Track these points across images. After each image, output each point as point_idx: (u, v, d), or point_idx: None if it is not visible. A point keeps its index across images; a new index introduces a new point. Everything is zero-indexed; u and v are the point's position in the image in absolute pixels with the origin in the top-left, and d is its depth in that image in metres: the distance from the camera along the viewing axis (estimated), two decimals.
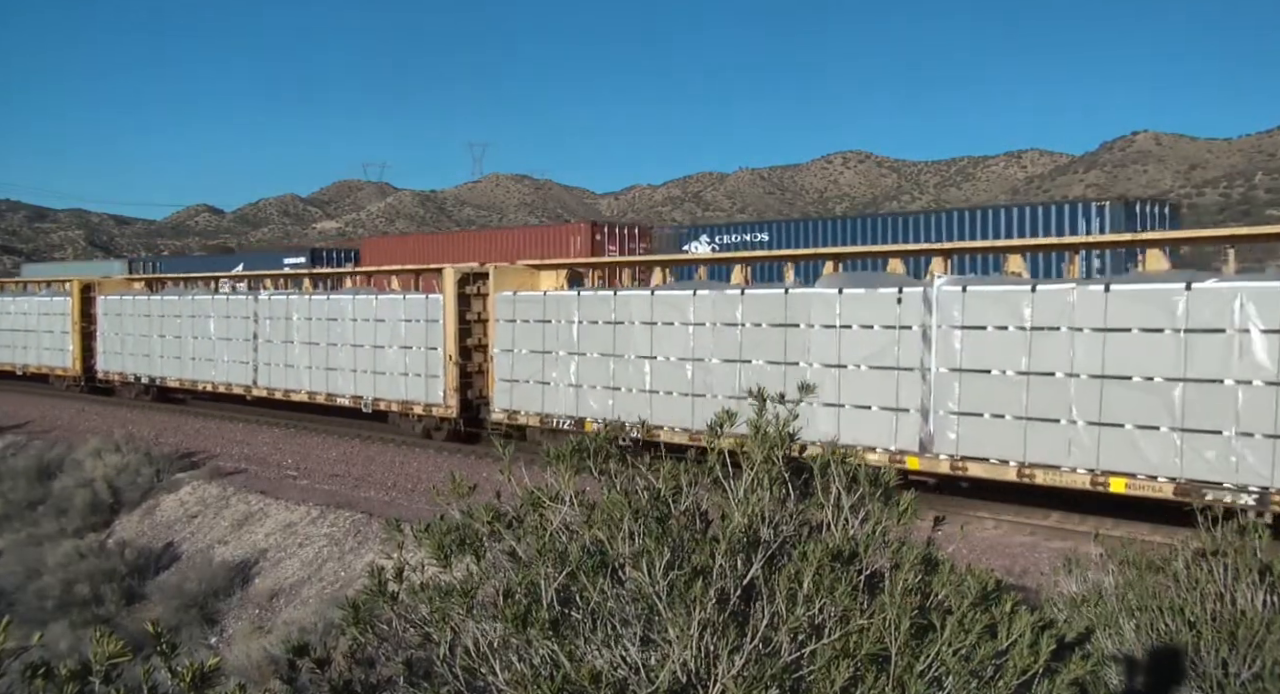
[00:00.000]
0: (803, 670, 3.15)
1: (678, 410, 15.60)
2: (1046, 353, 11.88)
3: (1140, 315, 11.32)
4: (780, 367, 14.40)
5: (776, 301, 14.64)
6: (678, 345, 15.76)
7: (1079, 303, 11.73)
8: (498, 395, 18.47)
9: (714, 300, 15.37)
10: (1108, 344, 11.49)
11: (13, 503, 17.92)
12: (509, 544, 3.61)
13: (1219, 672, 4.29)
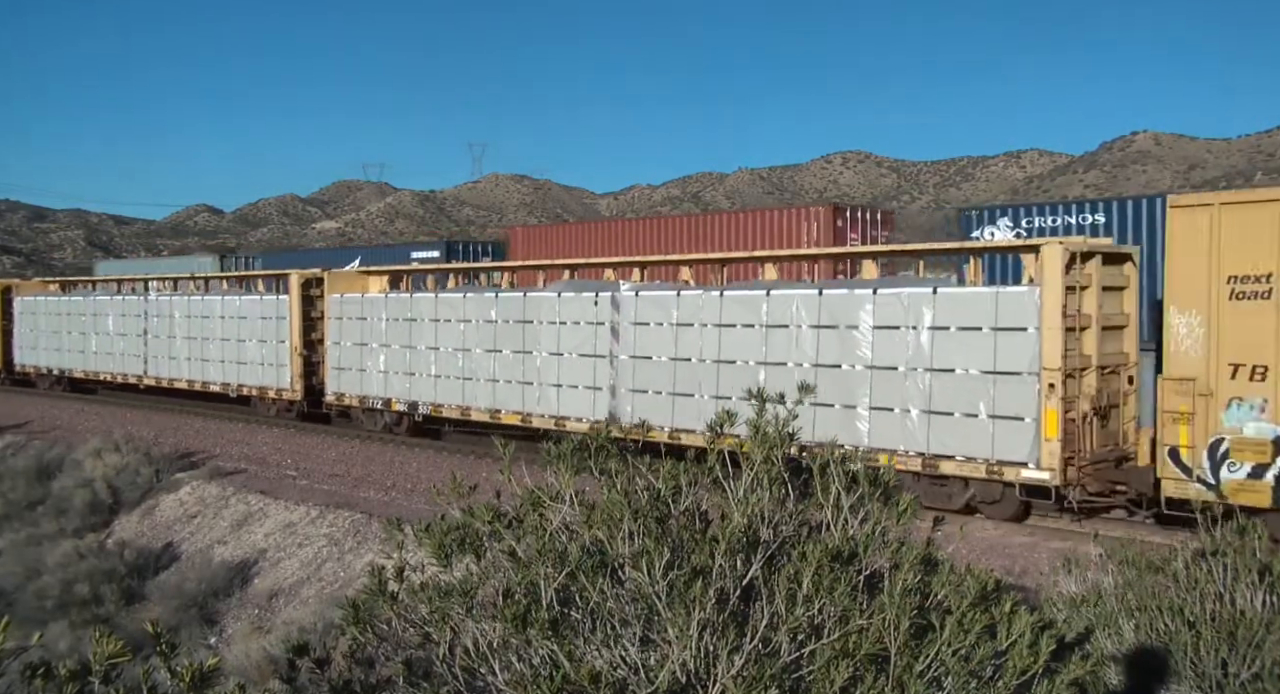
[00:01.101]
0: (802, 670, 3.15)
1: (454, 391, 19.30)
2: (686, 343, 15.69)
3: (740, 314, 14.98)
4: (521, 355, 18.08)
5: (519, 302, 18.23)
6: (453, 338, 19.32)
7: (704, 304, 15.43)
8: (329, 381, 22.23)
9: (477, 301, 18.97)
10: (723, 336, 15.20)
11: (12, 503, 17.92)
12: (509, 544, 3.61)
13: (1218, 672, 4.29)
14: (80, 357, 30.12)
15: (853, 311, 13.81)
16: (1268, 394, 10.52)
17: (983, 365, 12.58)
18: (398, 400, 20.42)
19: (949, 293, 13.18)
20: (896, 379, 13.31)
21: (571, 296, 17.40)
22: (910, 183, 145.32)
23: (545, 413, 17.63)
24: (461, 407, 19.12)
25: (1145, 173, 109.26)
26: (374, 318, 21.00)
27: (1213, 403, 10.88)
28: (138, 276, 32.03)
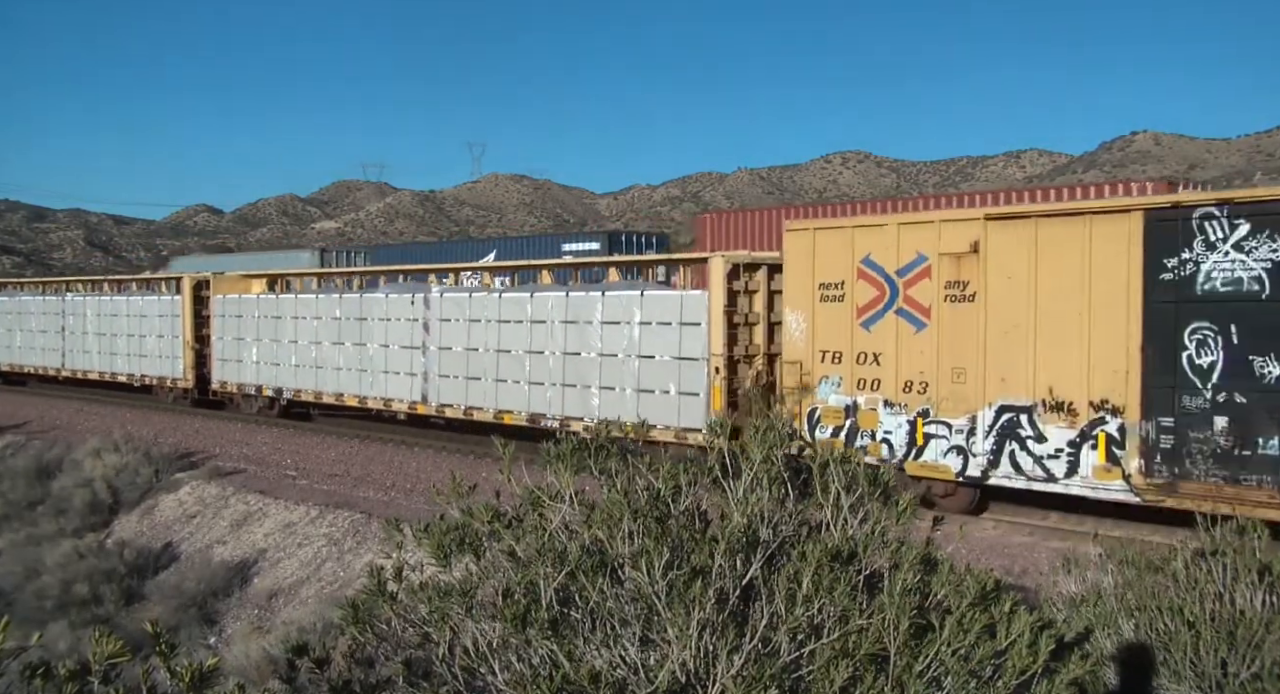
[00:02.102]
0: (802, 670, 3.15)
1: (309, 378, 22.67)
2: (476, 336, 18.68)
3: (513, 312, 18.09)
4: (359, 347, 21.27)
5: (357, 302, 21.51)
6: (308, 333, 22.60)
7: (488, 303, 18.60)
8: (215, 371, 25.67)
9: (326, 302, 22.29)
10: (501, 330, 18.26)
11: (12, 503, 17.91)
12: (508, 544, 3.61)
13: (1218, 672, 4.30)
14: (7, 351, 33.52)
15: (589, 310, 16.91)
16: (843, 373, 13.68)
17: (673, 353, 15.70)
18: (267, 387, 24.05)
19: (651, 295, 16.30)
20: (617, 364, 16.46)
21: (395, 297, 20.73)
22: (910, 183, 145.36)
23: (377, 395, 21.06)
24: (316, 391, 22.59)
25: (1145, 173, 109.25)
26: (249, 316, 24.46)
27: (812, 379, 13.97)
28: None
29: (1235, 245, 10.69)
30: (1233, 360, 10.66)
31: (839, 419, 13.65)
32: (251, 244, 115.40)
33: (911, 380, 13.01)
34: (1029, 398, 11.96)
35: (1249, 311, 10.57)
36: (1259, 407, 10.48)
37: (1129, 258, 11.27)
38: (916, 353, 12.94)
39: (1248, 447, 10.55)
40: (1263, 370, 10.53)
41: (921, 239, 12.94)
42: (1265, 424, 10.48)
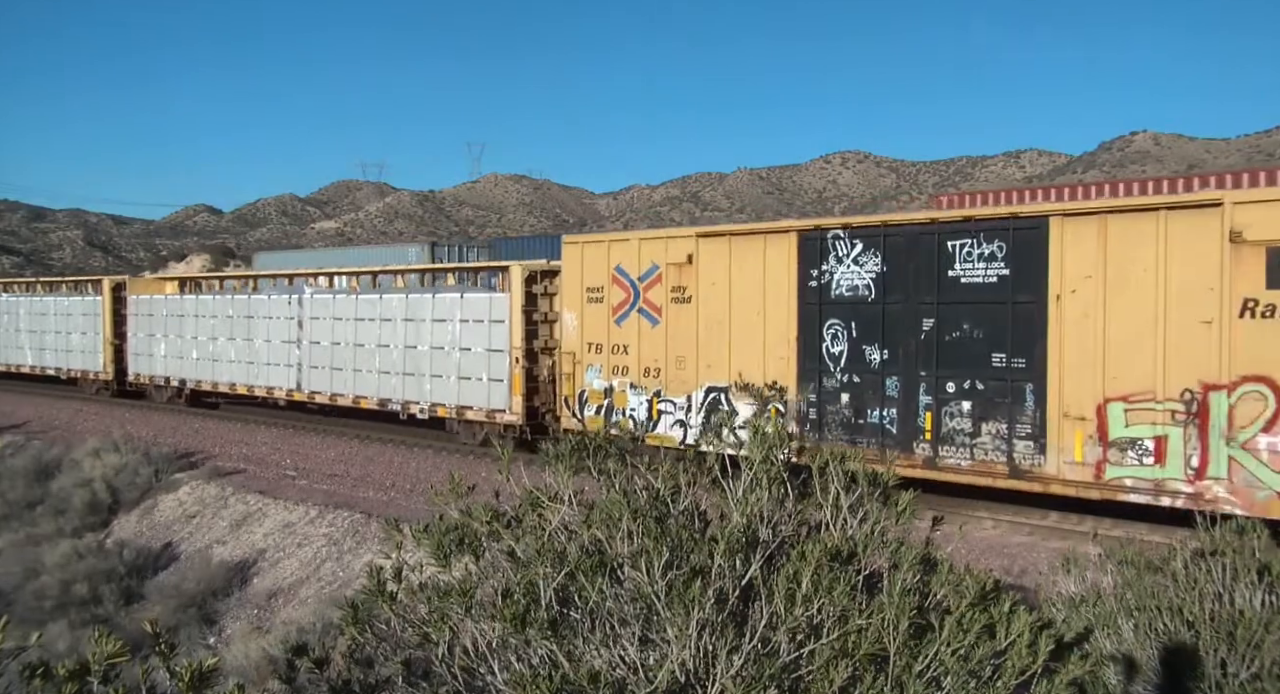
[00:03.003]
0: (801, 670, 3.15)
1: (208, 370, 25.92)
2: (339, 332, 21.74)
3: (368, 311, 21.11)
4: (247, 342, 24.44)
5: (245, 302, 24.72)
6: (206, 330, 25.84)
7: (347, 304, 21.63)
8: (131, 364, 28.86)
9: (220, 301, 25.60)
10: (358, 327, 21.28)
11: (11, 503, 17.90)
12: (508, 544, 3.61)
13: (1217, 672, 4.30)
14: None
15: (424, 309, 19.75)
16: (602, 361, 16.45)
17: (485, 346, 18.49)
18: (174, 378, 27.25)
19: (469, 297, 18.95)
20: (444, 356, 19.28)
21: (275, 298, 23.71)
22: (909, 183, 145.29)
23: (261, 384, 24.15)
24: (213, 382, 25.87)
25: (1145, 173, 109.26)
26: (159, 315, 27.67)
27: (582, 367, 16.69)
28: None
29: (854, 259, 13.52)
30: (853, 349, 13.57)
31: (600, 399, 16.45)
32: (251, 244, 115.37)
33: (649, 367, 15.84)
34: (727, 380, 14.76)
35: (862, 311, 13.41)
36: (868, 385, 13.42)
37: (789, 269, 14.04)
38: (652, 344, 15.75)
39: (861, 416, 13.48)
40: (870, 357, 13.41)
41: (655, 251, 15.69)
42: (872, 399, 13.39)
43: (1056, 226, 11.78)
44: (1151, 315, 11.09)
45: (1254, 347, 10.41)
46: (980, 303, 12.40)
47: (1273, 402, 10.32)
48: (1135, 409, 11.20)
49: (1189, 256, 10.85)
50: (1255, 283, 10.44)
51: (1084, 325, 11.55)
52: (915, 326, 12.92)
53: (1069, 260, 11.69)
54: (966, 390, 12.51)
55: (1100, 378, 11.43)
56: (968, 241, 12.49)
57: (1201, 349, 10.76)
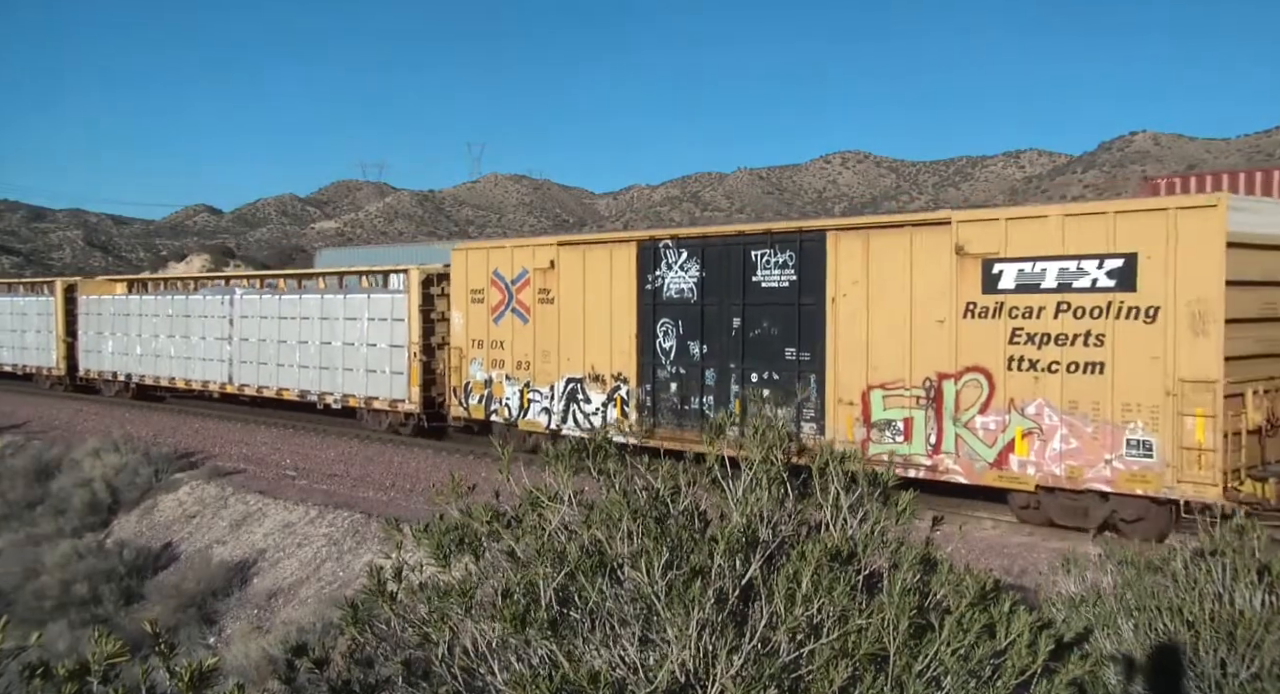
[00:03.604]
0: (801, 670, 3.15)
1: (150, 365, 28.23)
2: (265, 330, 23.89)
3: (288, 310, 23.18)
4: (185, 339, 26.77)
5: (184, 302, 27.29)
6: (149, 328, 28.17)
7: (271, 303, 23.94)
8: (81, 361, 31.10)
9: (161, 302, 28.18)
10: (280, 325, 23.42)
11: (11, 503, 17.91)
12: (507, 544, 3.61)
13: (1217, 672, 4.30)
14: None
15: (337, 309, 21.90)
16: (483, 356, 18.45)
17: (388, 341, 20.59)
18: (120, 374, 29.44)
19: (374, 297, 21.27)
20: (354, 351, 21.40)
21: (210, 298, 26.06)
22: (909, 183, 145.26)
23: (198, 379, 26.46)
24: (155, 376, 28.11)
25: (1144, 173, 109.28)
26: (107, 314, 29.87)
27: (467, 361, 18.81)
28: None
29: (681, 266, 15.38)
30: (680, 345, 15.40)
31: (482, 390, 18.58)
32: (251, 244, 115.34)
33: (521, 360, 17.79)
34: (582, 372, 16.71)
35: (687, 311, 15.31)
36: (691, 376, 15.31)
37: (630, 274, 15.89)
38: (523, 340, 17.72)
39: (686, 403, 15.37)
40: (693, 352, 15.23)
41: (525, 258, 17.70)
42: (694, 387, 15.24)
43: (833, 239, 13.63)
44: (902, 316, 12.94)
45: (974, 342, 12.34)
46: (776, 304, 14.28)
47: (987, 387, 12.26)
48: (890, 395, 13.15)
49: (928, 267, 12.68)
50: (974, 288, 12.32)
51: (853, 324, 13.43)
52: (727, 325, 14.83)
53: (842, 269, 13.52)
54: (766, 380, 14.48)
55: (865, 369, 13.32)
56: (766, 251, 14.37)
57: (937, 344, 12.63)
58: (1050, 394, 11.78)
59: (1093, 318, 11.52)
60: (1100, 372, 11.46)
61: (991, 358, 12.18)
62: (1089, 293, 11.55)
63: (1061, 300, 11.73)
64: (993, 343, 12.17)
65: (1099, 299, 11.48)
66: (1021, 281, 12.04)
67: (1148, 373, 11.14)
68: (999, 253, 12.17)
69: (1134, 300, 11.26)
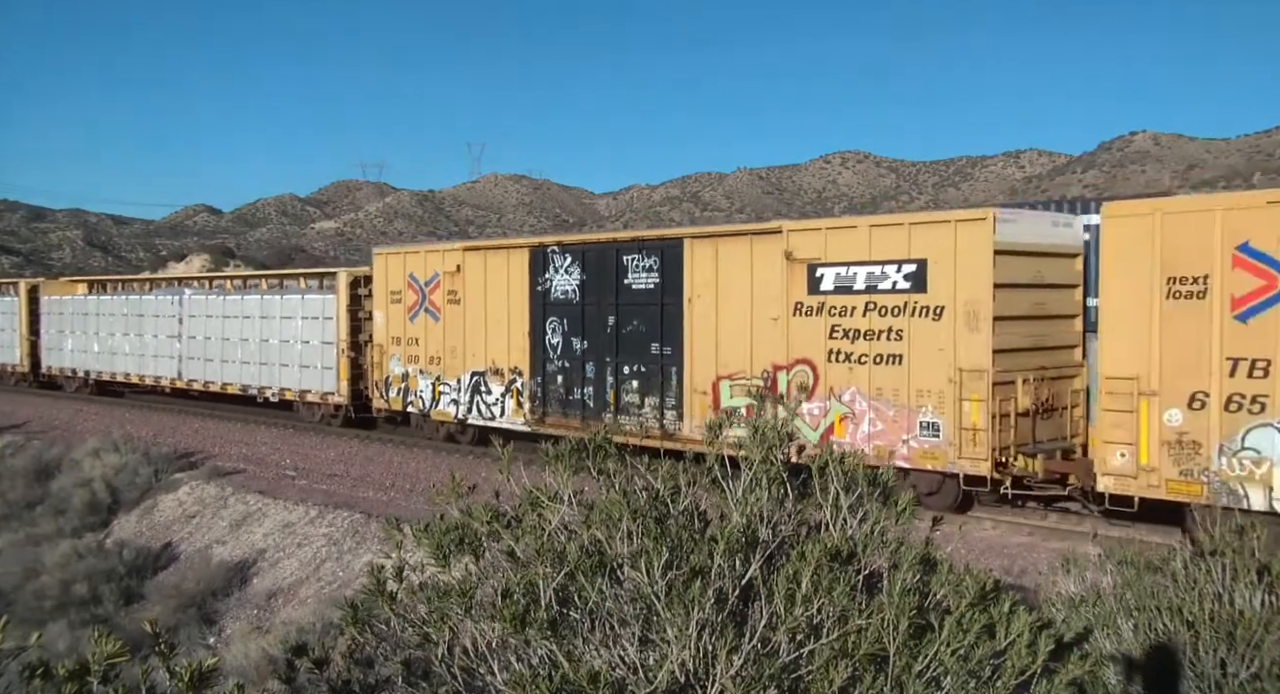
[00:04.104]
0: (801, 670, 3.15)
1: (107, 362, 29.99)
2: (211, 328, 25.78)
3: (232, 309, 25.18)
4: (139, 337, 28.61)
5: (137, 302, 29.03)
6: (106, 327, 29.97)
7: (217, 303, 25.87)
8: (44, 358, 32.88)
9: (116, 302, 30.08)
10: (224, 324, 25.36)
11: (11, 503, 17.90)
12: (507, 544, 3.61)
13: (1217, 672, 4.30)
14: None
15: (275, 308, 23.72)
16: (401, 352, 20.26)
17: (320, 339, 22.37)
18: (79, 370, 31.30)
19: (307, 298, 23.06)
20: (290, 347, 23.10)
21: (162, 298, 28.05)
22: (909, 183, 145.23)
23: (150, 374, 28.32)
24: (112, 373, 29.92)
25: (1144, 173, 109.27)
26: (68, 313, 31.77)
27: (387, 357, 20.61)
28: None
29: (565, 270, 17.04)
30: (565, 341, 17.05)
31: (400, 383, 20.27)
32: (251, 244, 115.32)
33: (433, 356, 19.50)
34: (484, 366, 18.47)
35: (571, 311, 16.93)
36: (575, 369, 16.94)
37: (524, 277, 17.62)
38: (435, 338, 19.40)
39: (570, 393, 17.02)
40: (576, 347, 16.84)
41: (436, 262, 19.34)
42: (577, 379, 16.92)
43: (689, 246, 15.27)
44: (744, 314, 14.56)
45: (801, 337, 13.98)
46: (643, 304, 15.91)
47: (812, 377, 13.88)
48: (736, 384, 14.71)
49: (765, 271, 14.30)
50: (802, 290, 13.92)
51: (705, 322, 15.04)
52: (604, 322, 16.45)
53: (697, 273, 15.15)
54: (636, 372, 16.12)
55: (715, 362, 14.95)
56: (636, 256, 16.00)
57: (772, 340, 14.27)
58: (861, 383, 13.40)
59: (893, 316, 13.07)
60: (899, 362, 13.06)
61: (816, 351, 13.84)
62: (890, 294, 13.11)
63: (869, 300, 13.28)
64: (816, 338, 13.80)
65: (898, 299, 13.03)
66: (839, 284, 13.59)
67: (935, 363, 12.69)
68: (821, 258, 13.72)
69: (925, 300, 12.81)
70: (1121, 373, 11.32)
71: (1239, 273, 10.61)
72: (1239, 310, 10.63)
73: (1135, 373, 11.22)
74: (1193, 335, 10.83)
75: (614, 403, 16.36)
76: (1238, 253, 10.62)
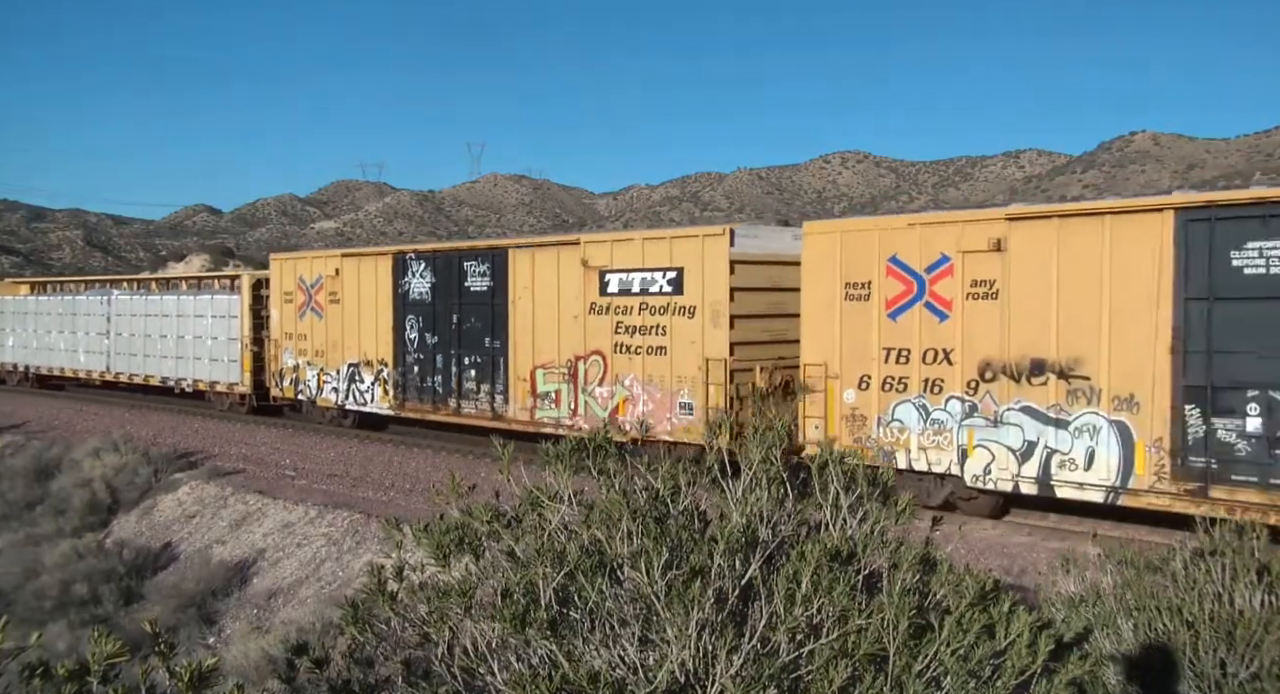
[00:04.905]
0: (801, 670, 3.15)
1: (44, 357, 32.69)
2: (135, 326, 28.25)
3: (154, 308, 27.78)
4: (71, 334, 31.14)
5: (71, 302, 31.61)
6: (44, 325, 32.66)
7: (139, 303, 28.55)
8: None
9: (54, 302, 32.67)
10: (146, 322, 27.85)
11: (11, 503, 17.89)
12: (507, 544, 3.61)
13: (1217, 672, 4.30)
14: None
15: (189, 307, 26.49)
16: (293, 346, 22.64)
17: (227, 336, 24.99)
18: (19, 365, 34.06)
19: (216, 298, 25.72)
20: (202, 343, 25.84)
21: (92, 298, 30.49)
22: (909, 183, 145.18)
23: (83, 368, 30.78)
24: (49, 367, 32.55)
25: (1144, 173, 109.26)
26: (9, 313, 34.49)
27: (281, 350, 22.96)
28: None
29: (420, 274, 19.60)
30: (420, 336, 19.64)
31: (292, 374, 22.72)
32: (250, 244, 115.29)
33: (318, 350, 22.02)
34: (358, 358, 21.10)
35: (424, 310, 19.52)
36: (428, 361, 19.45)
37: (390, 280, 20.14)
38: (319, 333, 21.97)
39: (425, 381, 19.51)
40: (429, 341, 19.43)
41: (320, 266, 22.02)
42: (430, 370, 19.37)
43: (513, 255, 17.91)
44: (553, 312, 17.02)
45: (595, 332, 16.40)
46: (480, 304, 18.44)
47: (603, 366, 16.25)
48: (548, 373, 17.22)
49: (568, 276, 16.79)
50: (595, 292, 16.35)
51: (526, 319, 17.55)
52: (450, 320, 18.95)
53: (519, 277, 17.69)
54: (474, 362, 18.61)
55: (533, 353, 17.43)
56: (473, 263, 18.55)
57: (574, 334, 16.72)
58: (638, 370, 15.84)
59: (660, 314, 15.53)
60: (664, 353, 15.51)
61: (605, 343, 16.25)
62: (658, 296, 15.57)
63: (643, 301, 15.75)
64: (605, 332, 16.22)
65: (663, 300, 15.50)
66: (621, 287, 16.03)
67: (690, 354, 15.12)
68: (608, 265, 16.19)
69: (682, 301, 15.26)
70: (815, 360, 13.61)
71: (890, 280, 12.92)
72: (890, 309, 12.94)
73: (824, 360, 13.49)
74: (861, 330, 13.16)
75: (458, 389, 18.95)
76: (889, 264, 12.91)
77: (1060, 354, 11.55)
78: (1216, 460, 10.54)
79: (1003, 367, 12.04)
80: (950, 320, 12.42)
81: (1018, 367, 11.91)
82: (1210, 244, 10.52)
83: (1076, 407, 11.46)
